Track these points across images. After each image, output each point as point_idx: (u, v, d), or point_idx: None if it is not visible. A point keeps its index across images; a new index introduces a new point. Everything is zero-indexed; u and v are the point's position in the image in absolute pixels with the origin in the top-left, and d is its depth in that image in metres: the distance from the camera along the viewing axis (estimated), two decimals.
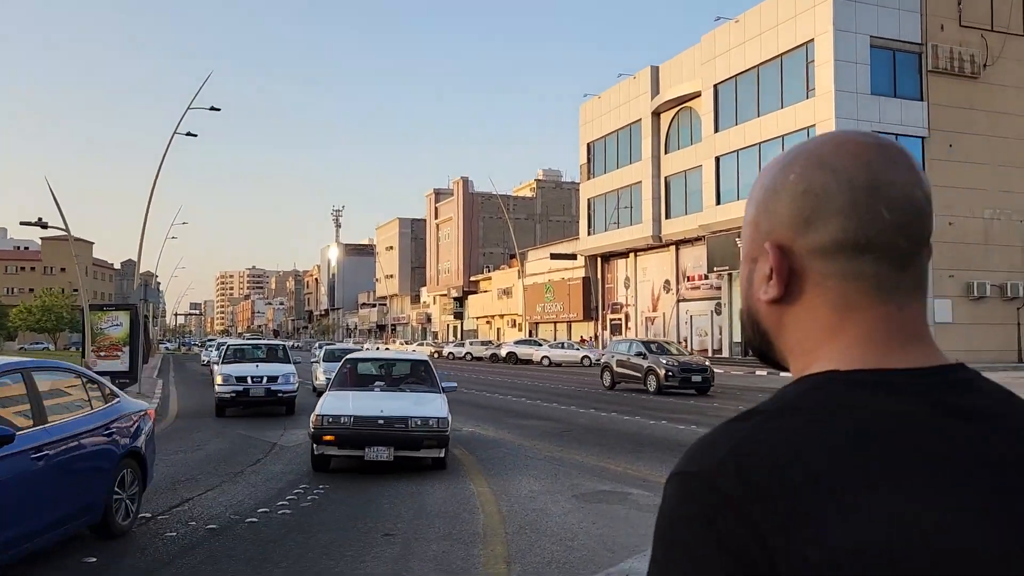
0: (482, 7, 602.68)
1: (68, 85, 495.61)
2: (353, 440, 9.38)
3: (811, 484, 0.65)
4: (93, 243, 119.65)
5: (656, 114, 43.13)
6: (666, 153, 42.75)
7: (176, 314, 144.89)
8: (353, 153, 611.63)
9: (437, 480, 9.31)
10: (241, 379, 16.87)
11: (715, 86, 37.94)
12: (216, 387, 17.25)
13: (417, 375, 11.53)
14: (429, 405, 9.97)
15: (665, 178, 42.67)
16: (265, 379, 16.85)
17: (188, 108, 30.27)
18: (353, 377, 11.51)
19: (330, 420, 9.47)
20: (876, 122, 30.44)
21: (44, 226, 21.98)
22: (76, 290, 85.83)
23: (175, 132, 30.12)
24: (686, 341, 41.77)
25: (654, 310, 45.16)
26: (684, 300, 42.00)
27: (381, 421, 9.43)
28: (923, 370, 0.74)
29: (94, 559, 6.15)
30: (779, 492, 0.65)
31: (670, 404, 19.16)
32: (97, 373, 23.21)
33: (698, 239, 39.38)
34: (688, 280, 41.49)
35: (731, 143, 36.68)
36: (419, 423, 9.48)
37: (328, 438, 9.39)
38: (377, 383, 11.25)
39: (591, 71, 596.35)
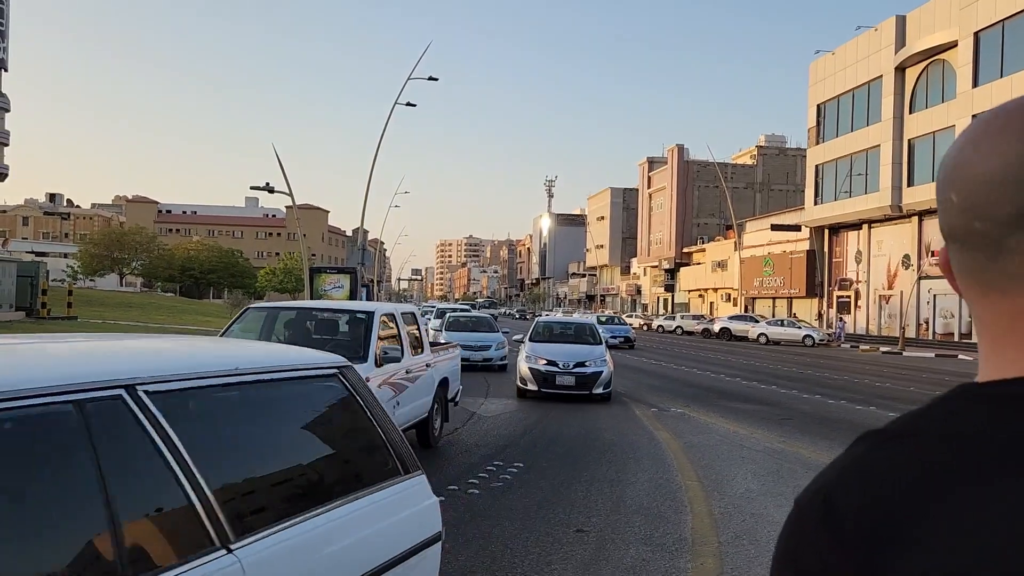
0: None
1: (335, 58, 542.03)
2: None
3: (894, 532, 0.56)
4: (328, 211, 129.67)
5: (900, 69, 38.60)
6: (911, 113, 38.22)
7: (399, 279, 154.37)
8: (566, 123, 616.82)
9: (640, 467, 8.41)
10: None
11: (975, 34, 33.13)
12: None
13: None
14: None
15: (908, 141, 38.20)
16: None
17: (408, 79, 31.20)
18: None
19: None
20: None
21: (271, 191, 23.50)
22: (314, 255, 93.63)
23: (395, 102, 31.20)
24: (927, 323, 37.54)
25: (889, 288, 40.87)
26: (926, 277, 37.57)
27: None
28: None
29: None
30: (860, 541, 0.57)
31: (919, 396, 16.80)
32: None
33: None
34: (933, 255, 37.03)
35: (994, 98, 31.80)
36: None
37: None
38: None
39: (821, 26, 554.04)
